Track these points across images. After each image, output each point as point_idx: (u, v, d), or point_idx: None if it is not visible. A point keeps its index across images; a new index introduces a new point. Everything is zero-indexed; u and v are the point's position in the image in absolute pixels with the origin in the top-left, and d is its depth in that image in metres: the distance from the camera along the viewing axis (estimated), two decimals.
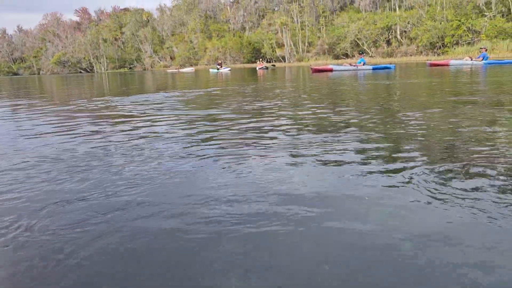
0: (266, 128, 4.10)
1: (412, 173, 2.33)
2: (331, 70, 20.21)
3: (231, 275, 1.35)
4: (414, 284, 1.25)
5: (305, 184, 2.24)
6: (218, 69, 32.57)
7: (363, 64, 20.57)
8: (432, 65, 21.78)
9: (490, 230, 1.58)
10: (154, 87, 13.82)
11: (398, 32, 49.84)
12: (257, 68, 33.61)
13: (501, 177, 2.19)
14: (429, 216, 1.74)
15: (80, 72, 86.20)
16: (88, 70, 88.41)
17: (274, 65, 33.61)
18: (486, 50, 21.09)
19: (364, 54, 31.67)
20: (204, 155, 3.02)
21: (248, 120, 4.68)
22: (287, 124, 4.27)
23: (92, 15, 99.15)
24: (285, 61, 58.27)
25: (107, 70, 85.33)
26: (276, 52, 59.79)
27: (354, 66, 20.49)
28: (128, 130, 4.30)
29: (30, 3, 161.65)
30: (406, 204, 1.88)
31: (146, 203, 2.05)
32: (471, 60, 20.75)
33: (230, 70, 33.52)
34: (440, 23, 44.43)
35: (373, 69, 20.05)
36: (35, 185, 2.41)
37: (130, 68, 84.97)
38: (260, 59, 41.89)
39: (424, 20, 46.71)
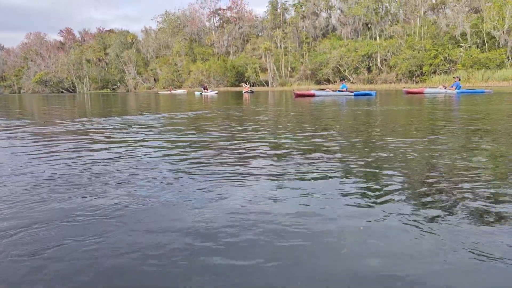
0: (249, 152, 4.16)
1: (390, 200, 2.42)
2: (313, 95, 20.56)
3: None
4: None
5: (284, 208, 2.30)
6: (201, 92, 32.95)
7: (346, 90, 21.07)
8: (408, 92, 22.49)
9: (460, 258, 1.66)
10: (140, 109, 13.80)
11: (379, 60, 51.24)
12: (243, 92, 33.87)
13: (475, 206, 2.29)
14: (403, 241, 1.81)
15: (62, 92, 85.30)
16: (70, 90, 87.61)
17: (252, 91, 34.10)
18: (459, 80, 21.99)
19: (346, 80, 32.38)
20: (186, 178, 3.06)
21: (232, 144, 4.75)
22: (270, 149, 4.35)
23: (76, 36, 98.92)
24: (268, 86, 59.01)
25: (89, 90, 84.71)
26: (259, 76, 60.57)
27: (341, 90, 20.96)
28: (111, 153, 4.31)
29: (13, 22, 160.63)
30: (382, 230, 1.95)
31: (126, 226, 2.07)
32: (445, 88, 21.56)
33: (217, 93, 33.72)
34: (419, 52, 45.94)
35: (355, 95, 20.50)
36: (9, 208, 2.40)
37: (113, 89, 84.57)
38: (246, 83, 42.35)
39: (403, 49, 48.23)
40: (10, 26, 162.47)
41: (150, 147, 4.67)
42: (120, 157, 4.04)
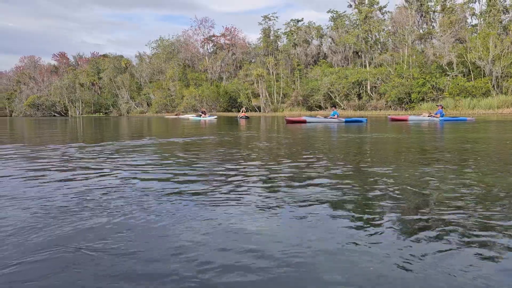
0: (241, 179, 4.25)
1: (381, 229, 2.51)
2: (304, 122, 20.91)
3: None
4: None
5: (273, 236, 2.38)
6: (200, 115, 33.63)
7: (337, 117, 21.49)
8: (392, 119, 22.91)
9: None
10: (137, 133, 13.96)
11: (369, 87, 52.30)
12: (238, 117, 34.12)
13: (463, 234, 2.39)
14: (392, 274, 1.88)
15: (54, 115, 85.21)
16: (63, 113, 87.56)
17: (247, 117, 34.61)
18: (442, 107, 22.60)
19: (336, 107, 32.97)
20: (178, 205, 3.14)
21: (226, 170, 4.88)
22: (263, 176, 4.44)
23: (71, 60, 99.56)
24: (260, 111, 59.63)
25: (81, 114, 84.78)
26: (252, 102, 61.26)
27: (332, 117, 21.38)
28: (104, 179, 4.42)
29: (8, 45, 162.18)
30: (373, 260, 2.02)
31: (119, 254, 2.15)
32: (429, 116, 22.06)
33: (216, 118, 34.07)
34: (407, 80, 47.06)
35: (346, 121, 20.88)
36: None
37: (106, 113, 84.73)
38: (243, 108, 43.08)
39: (392, 77, 49.38)
40: (4, 49, 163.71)
41: (144, 173, 4.79)
42: (113, 183, 4.15)
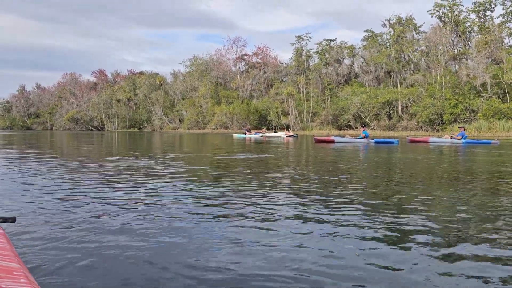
0: (270, 198, 4.48)
1: (412, 251, 2.58)
2: (332, 142, 21.18)
3: None
4: None
5: (300, 256, 2.48)
6: (245, 133, 34.85)
7: (366, 137, 21.66)
8: (412, 141, 22.70)
9: None
10: (183, 149, 14.66)
11: (399, 107, 51.99)
12: (284, 136, 34.99)
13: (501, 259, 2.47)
14: None
15: (91, 129, 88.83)
16: (99, 128, 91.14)
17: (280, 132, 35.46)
18: (464, 129, 22.38)
19: (367, 127, 33.12)
20: (205, 219, 3.37)
21: (255, 190, 5.18)
22: (289, 200, 4.51)
23: (109, 77, 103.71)
24: (290, 129, 60.17)
25: (117, 129, 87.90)
26: (281, 120, 61.96)
27: (360, 138, 21.53)
28: (134, 189, 4.97)
29: (50, 62, 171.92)
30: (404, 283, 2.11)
31: (146, 265, 2.32)
32: (451, 138, 21.72)
33: (262, 136, 34.96)
34: (439, 101, 46.56)
35: (376, 142, 20.97)
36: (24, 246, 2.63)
37: (140, 128, 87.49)
38: (287, 128, 44.77)
39: (424, 97, 48.99)
40: (49, 66, 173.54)
41: (175, 187, 5.30)
42: (147, 192, 4.68)
